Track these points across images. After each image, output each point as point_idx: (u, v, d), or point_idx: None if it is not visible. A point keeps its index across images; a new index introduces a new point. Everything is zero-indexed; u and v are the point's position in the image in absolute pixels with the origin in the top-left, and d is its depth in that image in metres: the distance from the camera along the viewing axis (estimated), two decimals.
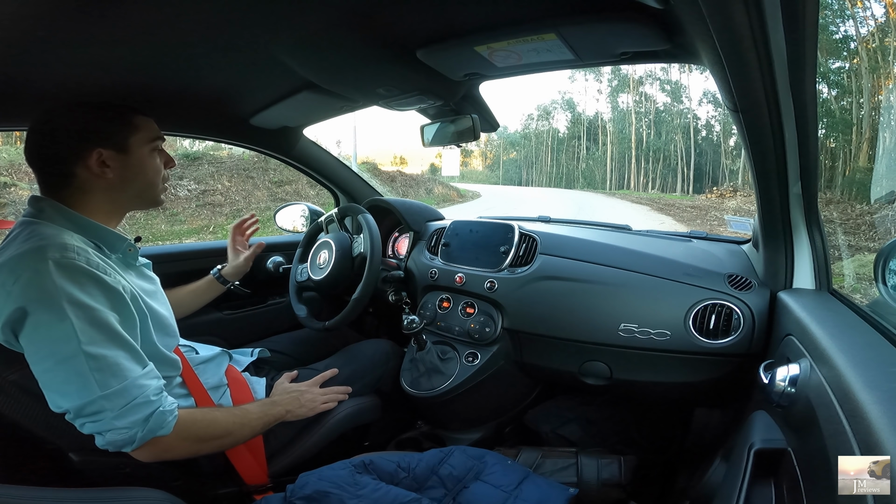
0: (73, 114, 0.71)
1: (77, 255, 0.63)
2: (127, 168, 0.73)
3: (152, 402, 0.65)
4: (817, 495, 0.46)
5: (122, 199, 0.75)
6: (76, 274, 0.62)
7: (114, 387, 0.62)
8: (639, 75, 43.39)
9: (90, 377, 0.61)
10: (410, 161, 55.91)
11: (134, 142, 0.74)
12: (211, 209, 8.93)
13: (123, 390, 0.62)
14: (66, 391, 0.61)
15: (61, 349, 0.60)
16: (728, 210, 13.29)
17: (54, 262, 0.61)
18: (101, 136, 0.71)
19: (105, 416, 0.62)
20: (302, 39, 0.75)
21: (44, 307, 0.59)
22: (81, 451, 0.70)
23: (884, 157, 4.90)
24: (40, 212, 0.68)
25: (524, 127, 55.80)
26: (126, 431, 0.63)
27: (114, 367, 0.62)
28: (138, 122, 0.76)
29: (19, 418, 0.64)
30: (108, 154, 0.71)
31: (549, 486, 0.82)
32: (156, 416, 0.65)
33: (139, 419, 0.63)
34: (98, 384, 0.61)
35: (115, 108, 0.75)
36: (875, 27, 15.29)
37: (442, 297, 1.22)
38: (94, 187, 0.71)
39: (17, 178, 7.28)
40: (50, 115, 0.71)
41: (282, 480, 0.81)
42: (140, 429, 0.63)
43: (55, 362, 0.60)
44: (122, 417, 0.62)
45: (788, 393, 0.58)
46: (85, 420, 0.62)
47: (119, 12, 0.61)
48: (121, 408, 0.62)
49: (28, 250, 0.61)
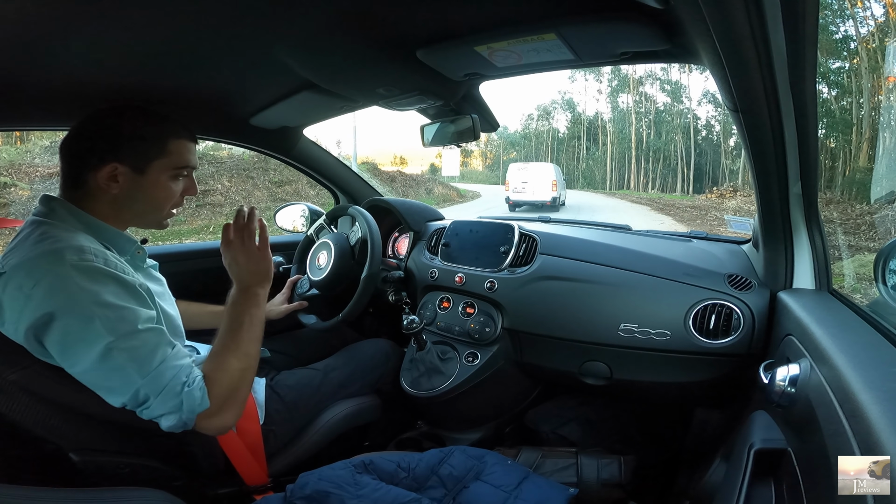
0: (110, 120, 0.71)
1: (95, 257, 0.63)
2: (137, 188, 0.72)
3: (183, 383, 0.65)
4: (817, 495, 0.46)
5: (125, 213, 0.74)
6: (97, 275, 0.62)
7: (151, 371, 0.63)
8: (639, 75, 43.39)
9: (129, 368, 0.62)
10: (410, 161, 55.93)
11: (156, 166, 0.72)
12: (211, 209, 8.93)
13: (159, 374, 0.63)
14: (113, 387, 0.62)
15: (95, 350, 0.60)
16: (728, 210, 13.29)
17: (74, 266, 0.61)
18: (123, 151, 0.70)
19: (152, 403, 0.63)
20: (302, 39, 0.75)
21: (71, 312, 0.60)
22: (81, 451, 0.70)
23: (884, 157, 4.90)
24: (51, 211, 0.68)
25: (524, 127, 55.80)
26: (174, 416, 0.64)
27: (148, 353, 0.63)
28: (172, 147, 0.73)
29: (19, 418, 0.64)
30: (123, 170, 0.70)
31: (549, 486, 0.82)
32: (185, 396, 0.65)
33: (176, 403, 0.64)
34: (137, 373, 0.62)
35: (156, 126, 0.72)
36: (875, 27, 15.29)
37: (442, 297, 1.22)
38: (100, 196, 0.71)
39: (17, 178, 7.28)
40: (91, 114, 0.71)
41: (282, 480, 0.81)
42: (181, 411, 0.64)
43: (92, 363, 0.61)
44: (164, 403, 0.63)
45: (788, 393, 0.58)
46: (140, 409, 0.64)
47: (119, 12, 0.61)
48: (159, 393, 0.63)
49: (44, 252, 0.61)
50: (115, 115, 0.71)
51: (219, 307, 1.11)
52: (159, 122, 0.73)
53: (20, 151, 8.04)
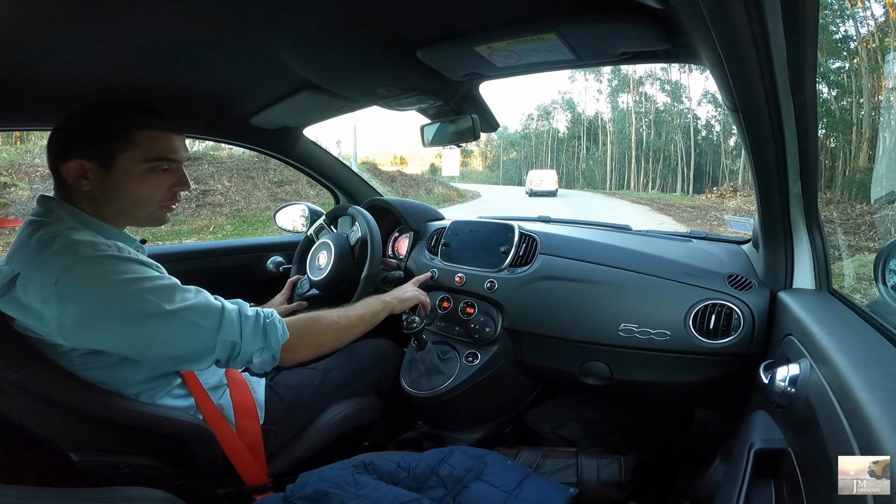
0: (77, 115, 0.70)
1: (108, 247, 0.63)
2: (108, 184, 0.68)
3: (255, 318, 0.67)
4: (817, 495, 0.46)
5: (107, 212, 0.71)
6: (116, 261, 0.62)
7: (219, 322, 0.64)
8: (639, 75, 43.46)
9: (199, 323, 0.63)
10: (410, 161, 56.02)
11: (123, 158, 0.68)
12: (211, 209, 8.94)
13: (229, 320, 0.64)
14: (195, 351, 0.63)
15: (155, 322, 0.61)
16: (728, 210, 13.29)
17: (91, 258, 0.61)
18: (85, 145, 0.67)
19: (239, 348, 0.65)
20: (302, 39, 0.75)
21: (111, 303, 0.60)
22: (81, 451, 0.69)
23: (884, 157, 4.89)
24: (49, 211, 0.68)
25: (524, 127, 55.86)
26: (263, 352, 0.66)
27: (205, 307, 0.64)
28: (138, 137, 0.69)
29: (19, 418, 0.64)
30: (90, 166, 0.67)
31: (550, 486, 0.82)
32: (269, 328, 0.67)
33: (259, 336, 0.66)
34: (210, 324, 0.63)
35: (119, 118, 0.69)
36: (875, 27, 15.30)
37: (442, 297, 1.22)
38: (76, 194, 0.69)
39: (17, 178, 7.28)
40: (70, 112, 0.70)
41: (282, 480, 0.81)
42: (267, 344, 0.66)
43: (162, 335, 0.61)
44: (250, 343, 0.65)
45: (788, 393, 0.58)
46: (233, 362, 0.65)
47: (119, 12, 0.61)
48: (241, 334, 0.64)
49: (59, 250, 0.60)
50: (83, 111, 0.70)
51: None
52: (125, 112, 0.70)
53: (20, 151, 8.04)
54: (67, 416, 0.68)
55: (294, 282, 1.28)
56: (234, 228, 8.59)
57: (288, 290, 1.25)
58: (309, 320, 0.77)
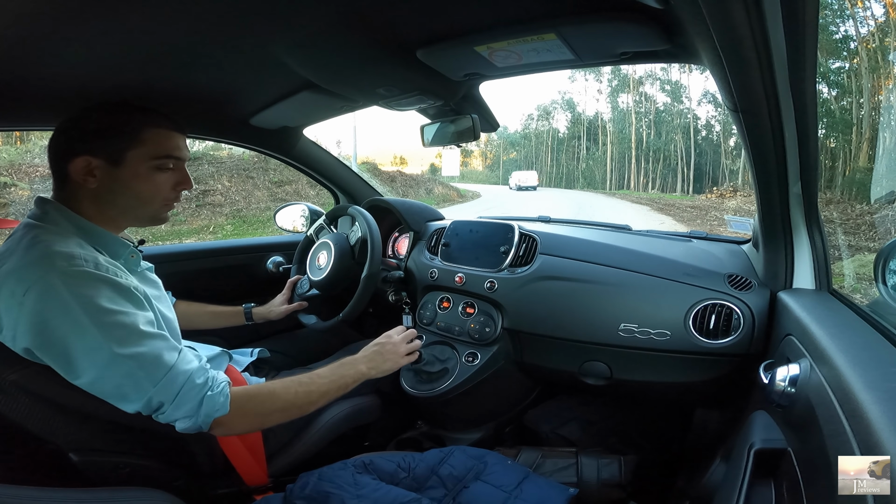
0: (84, 113, 0.70)
1: (85, 262, 0.62)
2: (115, 181, 0.69)
3: (200, 387, 0.65)
4: (817, 495, 0.46)
5: (110, 210, 0.71)
6: (88, 280, 0.61)
7: (161, 379, 0.62)
8: (639, 75, 43.46)
9: (138, 375, 0.61)
10: (410, 161, 56.07)
11: (132, 156, 0.69)
12: (211, 209, 8.93)
13: (170, 380, 0.63)
14: (123, 394, 0.61)
15: (96, 359, 0.59)
16: (728, 210, 13.29)
17: (63, 272, 0.59)
18: (94, 142, 0.68)
19: (166, 409, 0.63)
20: (302, 39, 0.75)
21: (64, 322, 0.58)
22: (81, 451, 0.69)
23: (884, 157, 4.90)
24: (44, 214, 0.67)
25: (524, 127, 55.87)
26: (188, 420, 0.64)
27: (154, 359, 0.62)
28: (146, 135, 0.70)
29: (19, 418, 0.64)
30: (98, 163, 0.68)
31: (549, 486, 0.82)
32: (206, 401, 0.65)
33: (193, 406, 0.64)
34: (147, 380, 0.61)
35: (128, 115, 0.70)
36: (875, 27, 15.29)
37: (442, 297, 1.22)
38: (81, 193, 0.69)
39: (17, 178, 7.28)
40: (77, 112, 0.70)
41: (282, 480, 0.81)
42: (198, 415, 0.64)
43: (98, 373, 0.60)
44: (179, 407, 0.63)
45: (788, 393, 0.58)
46: (154, 414, 0.63)
47: (119, 12, 0.61)
48: (174, 398, 0.63)
49: (35, 260, 0.60)
50: (90, 109, 0.70)
51: (218, 307, 1.12)
52: (132, 111, 0.71)
53: (20, 151, 8.04)
54: (67, 416, 0.68)
55: (294, 282, 1.27)
56: (234, 228, 8.59)
57: (288, 291, 1.25)
58: (259, 398, 0.72)
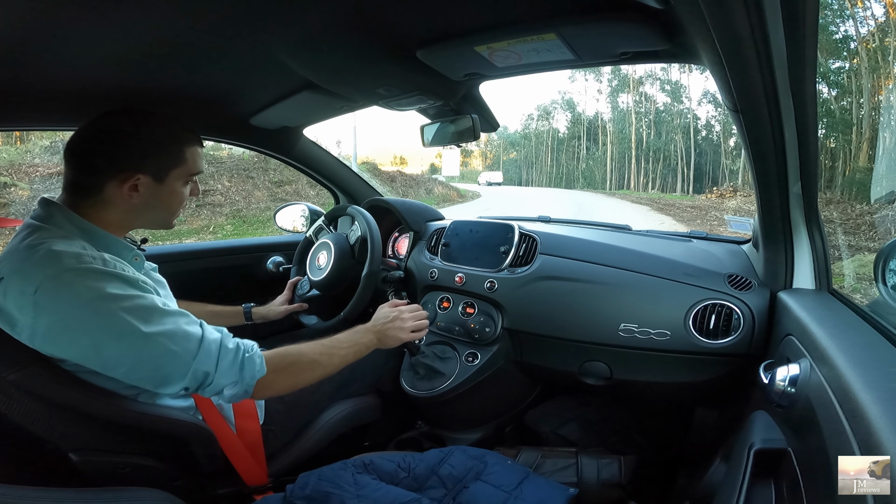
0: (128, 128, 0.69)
1: (93, 259, 0.63)
2: (156, 196, 0.72)
3: (235, 352, 0.66)
4: (817, 495, 0.46)
5: (137, 220, 0.74)
6: (98, 275, 0.61)
7: (197, 350, 0.63)
8: (639, 75, 43.47)
9: (173, 350, 0.61)
10: (410, 161, 56.09)
11: (173, 174, 0.73)
12: (211, 209, 8.93)
13: (206, 350, 0.64)
14: (164, 376, 0.62)
15: (128, 343, 0.59)
16: (728, 210, 13.29)
17: (73, 269, 0.60)
18: (144, 161, 0.70)
19: (212, 378, 0.63)
20: (302, 39, 0.75)
21: (85, 314, 0.58)
22: (81, 451, 0.69)
23: (884, 157, 4.90)
24: (49, 216, 0.67)
25: (524, 127, 55.86)
26: (235, 386, 0.65)
27: (184, 333, 0.63)
28: (187, 155, 0.73)
29: (19, 418, 0.64)
30: (145, 180, 0.70)
31: (549, 486, 0.82)
32: (246, 363, 0.66)
33: (235, 371, 0.65)
34: (185, 353, 0.62)
35: (175, 135, 0.73)
36: (875, 27, 15.30)
37: (442, 297, 1.22)
38: (117, 206, 0.70)
39: (17, 178, 7.28)
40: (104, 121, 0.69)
41: (282, 480, 0.81)
42: (242, 379, 0.65)
43: (132, 357, 0.60)
44: (224, 374, 0.64)
45: (788, 393, 0.58)
46: (202, 391, 0.64)
47: (119, 12, 0.61)
48: (216, 366, 0.64)
49: (41, 259, 0.60)
50: (132, 124, 0.70)
51: (218, 307, 1.12)
52: (178, 131, 0.74)
53: (20, 151, 8.03)
54: (67, 416, 0.67)
55: (294, 283, 1.27)
56: (234, 228, 8.58)
57: (289, 292, 1.25)
58: (290, 356, 0.75)
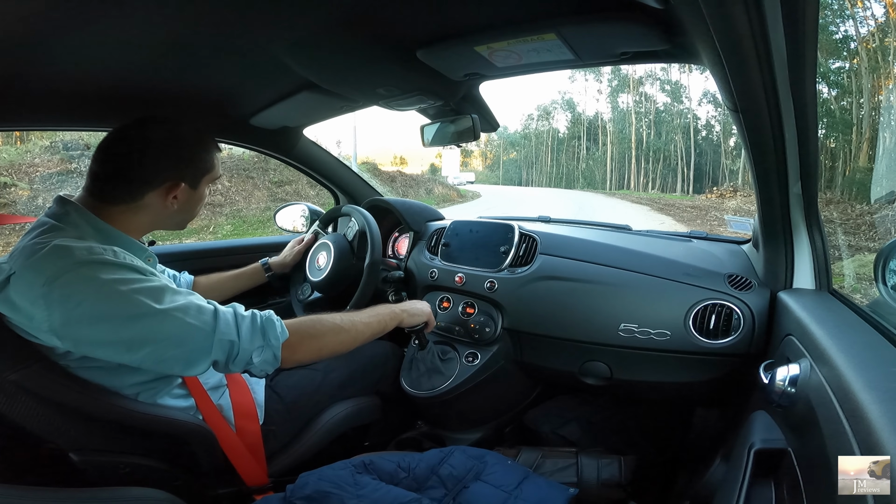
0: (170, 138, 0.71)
1: (103, 251, 0.63)
2: (189, 202, 0.75)
3: (251, 318, 0.66)
4: (817, 495, 0.46)
5: (162, 224, 0.75)
6: (109, 265, 0.62)
7: (215, 322, 0.63)
8: (639, 75, 43.50)
9: (191, 325, 0.61)
10: (410, 161, 56.12)
11: (204, 180, 0.76)
12: (211, 209, 8.92)
13: (224, 320, 0.64)
14: (191, 352, 0.62)
15: (145, 323, 0.60)
16: (728, 210, 13.29)
17: (85, 261, 0.60)
18: (187, 169, 0.72)
19: (238, 348, 0.64)
20: (302, 39, 0.75)
21: (99, 301, 0.59)
22: (82, 451, 0.69)
23: (884, 157, 4.90)
24: (65, 214, 0.67)
25: (524, 127, 55.89)
26: (263, 350, 0.65)
27: (197, 307, 0.63)
28: (215, 161, 0.77)
29: (19, 418, 0.64)
30: (184, 188, 0.72)
31: (549, 486, 0.82)
32: (267, 326, 0.66)
33: (258, 335, 0.65)
34: (204, 325, 0.62)
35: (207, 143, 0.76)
36: (875, 27, 15.31)
37: (442, 297, 1.22)
38: (152, 212, 0.71)
39: (17, 178, 7.27)
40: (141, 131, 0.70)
41: (282, 480, 0.81)
42: (267, 343, 0.65)
43: (152, 340, 0.60)
44: (249, 342, 0.64)
45: (788, 393, 0.58)
46: (232, 363, 0.64)
47: (119, 12, 0.61)
48: (238, 335, 0.64)
49: (52, 252, 0.60)
50: (169, 134, 0.72)
51: (236, 270, 1.17)
52: (206, 138, 0.77)
53: (20, 151, 8.02)
54: (67, 416, 0.68)
55: (298, 241, 1.29)
56: (233, 228, 8.58)
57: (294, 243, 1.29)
58: (310, 320, 0.75)
